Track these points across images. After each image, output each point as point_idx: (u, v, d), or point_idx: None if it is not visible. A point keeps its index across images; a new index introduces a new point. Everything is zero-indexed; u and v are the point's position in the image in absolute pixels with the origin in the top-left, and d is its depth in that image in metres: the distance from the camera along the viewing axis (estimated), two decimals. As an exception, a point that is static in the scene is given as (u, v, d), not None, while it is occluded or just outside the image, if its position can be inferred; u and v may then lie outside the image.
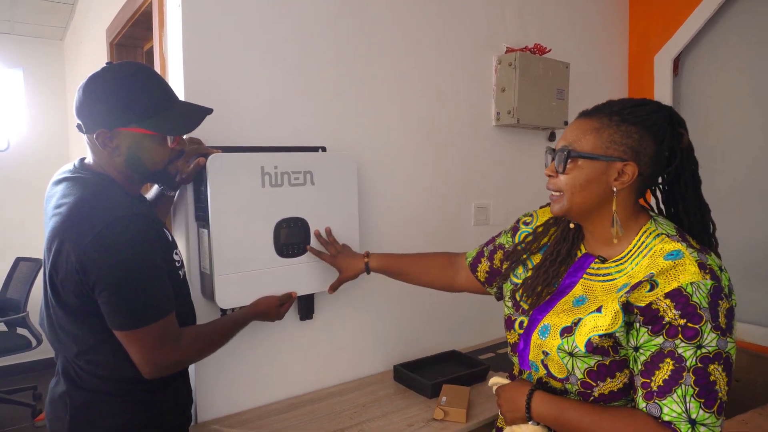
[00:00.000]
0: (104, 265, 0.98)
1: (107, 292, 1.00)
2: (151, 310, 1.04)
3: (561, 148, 0.99)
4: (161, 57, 1.54)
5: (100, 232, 0.98)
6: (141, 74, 1.11)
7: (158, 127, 1.11)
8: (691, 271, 0.89)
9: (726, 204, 2.32)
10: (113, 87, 1.07)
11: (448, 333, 1.98)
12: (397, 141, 1.80)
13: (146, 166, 1.14)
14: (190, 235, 1.43)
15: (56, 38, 4.02)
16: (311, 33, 1.58)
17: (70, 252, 0.99)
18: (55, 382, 1.15)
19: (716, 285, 0.88)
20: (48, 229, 1.06)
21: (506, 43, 2.06)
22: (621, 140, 0.95)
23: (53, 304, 1.06)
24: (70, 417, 1.08)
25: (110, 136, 1.08)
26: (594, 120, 0.98)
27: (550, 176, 1.03)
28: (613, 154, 0.95)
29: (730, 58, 2.33)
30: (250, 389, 1.54)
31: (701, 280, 0.88)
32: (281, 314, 1.42)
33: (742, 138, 2.29)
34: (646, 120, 0.95)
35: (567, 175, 0.98)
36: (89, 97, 1.07)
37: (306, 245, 1.48)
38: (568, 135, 1.01)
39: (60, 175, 1.14)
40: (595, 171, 0.96)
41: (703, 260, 0.91)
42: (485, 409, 1.50)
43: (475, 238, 2.04)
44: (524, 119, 1.98)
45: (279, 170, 1.41)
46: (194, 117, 1.16)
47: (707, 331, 0.86)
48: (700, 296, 0.87)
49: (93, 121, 1.08)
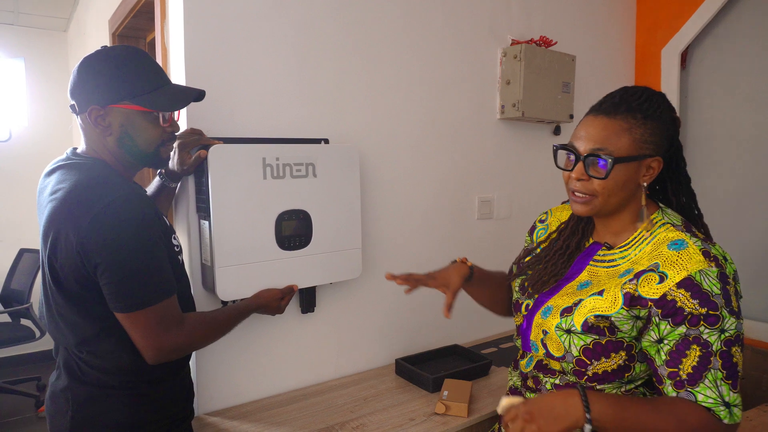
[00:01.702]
0: (105, 245, 0.97)
1: (109, 273, 0.98)
2: (154, 289, 1.03)
3: (593, 151, 0.97)
4: (163, 48, 1.53)
5: (100, 212, 0.97)
6: (134, 54, 1.12)
7: (150, 103, 1.10)
8: (697, 259, 0.91)
9: (732, 199, 2.30)
10: (106, 65, 1.08)
11: (449, 327, 1.97)
12: (400, 133, 1.78)
13: (138, 146, 1.13)
14: (191, 227, 1.42)
15: (60, 29, 4.01)
16: (313, 24, 1.57)
17: (69, 235, 0.98)
18: (56, 376, 1.14)
19: (721, 272, 0.91)
20: (43, 216, 1.05)
21: (511, 35, 2.04)
22: (650, 138, 0.97)
23: (53, 293, 1.05)
24: (72, 413, 1.07)
25: (103, 113, 1.08)
26: (620, 120, 0.97)
27: (580, 179, 0.99)
28: (646, 152, 0.97)
29: (738, 52, 2.30)
30: (251, 382, 1.54)
31: (707, 267, 0.91)
32: (282, 307, 1.41)
33: (750, 133, 2.27)
34: (663, 114, 0.98)
35: (608, 179, 0.96)
36: (83, 76, 1.08)
37: (308, 238, 1.47)
38: (595, 136, 0.98)
39: (52, 165, 1.13)
40: (631, 171, 0.97)
41: (707, 249, 0.93)
42: (487, 404, 1.49)
43: (478, 232, 2.04)
44: (529, 112, 1.96)
45: (281, 162, 1.40)
46: (186, 95, 1.16)
47: (726, 316, 0.89)
48: (710, 283, 0.90)
49: (86, 98, 1.08)
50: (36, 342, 3.26)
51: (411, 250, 1.84)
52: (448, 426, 1.38)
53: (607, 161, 0.95)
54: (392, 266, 1.80)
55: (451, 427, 1.38)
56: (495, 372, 1.72)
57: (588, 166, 0.98)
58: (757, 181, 2.24)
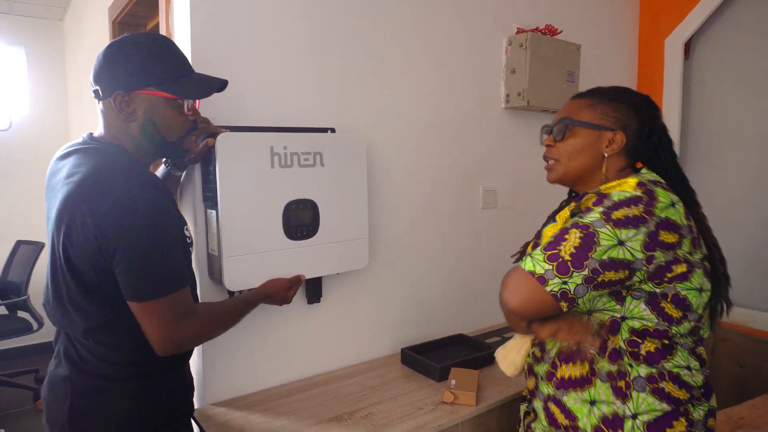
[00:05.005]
0: (124, 232, 0.96)
1: (126, 260, 0.97)
2: (170, 280, 1.02)
3: (559, 120, 1.14)
4: (168, 35, 1.51)
5: (120, 197, 0.96)
6: (161, 42, 1.12)
7: (176, 90, 1.10)
8: (629, 183, 1.01)
9: (736, 190, 2.31)
10: (133, 51, 1.07)
11: (454, 317, 1.97)
12: (406, 122, 1.77)
13: (161, 134, 1.12)
14: (198, 216, 1.41)
15: (55, 18, 3.96)
16: (321, 13, 1.55)
17: (86, 219, 0.96)
18: (56, 364, 1.12)
19: (638, 196, 0.96)
20: (58, 200, 1.02)
21: (516, 23, 2.02)
22: (612, 114, 1.10)
23: (65, 277, 1.02)
24: (71, 403, 1.05)
25: (128, 99, 1.07)
26: (588, 98, 1.14)
27: (548, 146, 1.16)
28: (605, 124, 1.10)
29: (742, 43, 2.30)
30: (257, 372, 1.53)
31: (630, 190, 0.98)
32: (289, 298, 1.40)
33: (754, 124, 2.27)
34: (631, 100, 1.12)
35: (564, 142, 1.13)
36: (109, 61, 1.07)
37: (315, 227, 1.45)
38: (564, 111, 1.16)
39: (67, 148, 1.11)
40: (589, 138, 1.10)
41: (646, 183, 1.00)
42: (494, 392, 1.49)
43: (482, 222, 2.03)
44: (534, 101, 1.95)
45: (288, 151, 1.39)
46: (211, 84, 1.16)
47: (595, 210, 0.97)
48: (617, 195, 0.97)
49: (111, 84, 1.07)
50: (33, 334, 3.25)
51: (416, 240, 1.84)
52: (456, 415, 1.38)
53: (566, 125, 1.12)
54: (397, 256, 1.79)
55: (460, 416, 1.38)
56: (501, 361, 1.72)
57: (555, 135, 1.14)
58: (762, 172, 2.25)
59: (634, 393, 1.01)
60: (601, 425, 1.03)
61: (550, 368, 1.12)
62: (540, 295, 0.95)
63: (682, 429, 1.00)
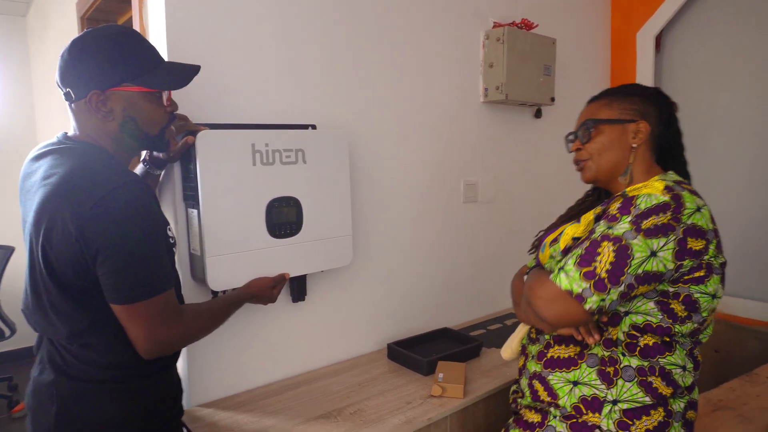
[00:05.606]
0: (107, 233, 0.93)
1: (110, 263, 0.94)
2: (155, 282, 0.99)
3: (581, 124, 1.18)
4: (141, 30, 1.47)
5: (103, 199, 0.92)
6: (127, 34, 1.07)
7: (153, 83, 1.06)
8: (656, 187, 1.00)
9: (707, 181, 2.37)
10: (101, 47, 1.02)
11: (438, 311, 1.99)
12: (386, 118, 1.77)
13: (142, 129, 1.09)
14: (179, 216, 1.38)
15: (18, 14, 3.82)
16: (299, 8, 1.53)
17: (67, 221, 0.93)
18: (39, 370, 1.08)
19: (666, 203, 0.96)
20: (35, 202, 0.98)
21: (493, 17, 2.04)
22: (630, 107, 1.13)
23: (45, 283, 0.99)
24: (57, 408, 1.02)
25: (103, 98, 1.03)
26: (602, 99, 1.18)
27: (577, 150, 1.18)
28: (627, 117, 1.13)
29: (713, 35, 2.36)
30: (243, 372, 1.52)
31: (657, 194, 0.98)
32: (274, 296, 1.39)
33: (724, 116, 2.33)
34: (644, 92, 1.16)
35: (592, 142, 1.15)
36: (75, 60, 1.02)
37: (299, 225, 1.44)
38: (583, 115, 1.20)
39: (40, 149, 1.07)
40: (615, 132, 1.13)
41: (673, 186, 1.00)
42: (481, 385, 1.51)
43: (464, 216, 2.04)
44: (512, 95, 1.97)
45: (270, 148, 1.37)
46: (186, 72, 1.12)
47: (623, 220, 0.96)
48: (644, 202, 0.97)
49: (83, 84, 1.02)
50: (6, 341, 3.14)
51: (399, 235, 1.84)
52: (445, 408, 1.39)
53: (590, 126, 1.15)
54: (381, 252, 1.79)
55: (448, 409, 1.39)
56: (486, 353, 1.74)
57: (581, 138, 1.17)
58: (732, 163, 2.31)
59: (620, 381, 1.03)
60: (580, 405, 1.06)
61: (543, 348, 1.15)
62: (578, 313, 0.97)
63: (659, 418, 1.02)
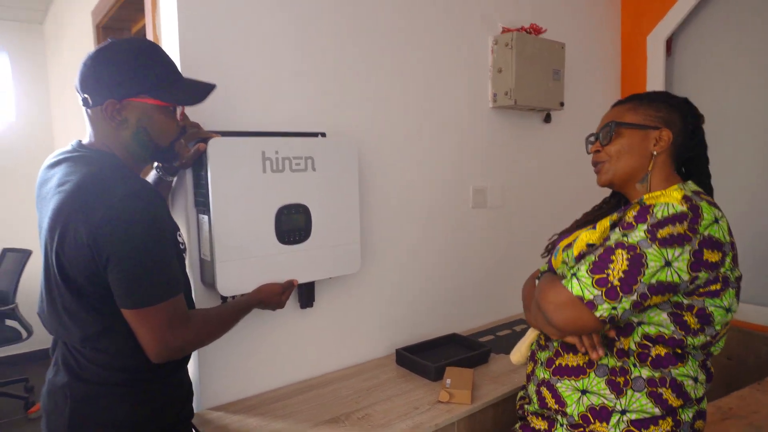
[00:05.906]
0: (117, 239, 0.95)
1: (120, 268, 0.96)
2: (165, 287, 1.01)
3: (604, 125, 1.16)
4: (154, 39, 1.50)
5: (114, 205, 0.95)
6: (149, 47, 1.11)
7: (168, 98, 1.10)
8: (674, 197, 0.98)
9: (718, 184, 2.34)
10: (123, 58, 1.06)
11: (447, 317, 1.99)
12: (396, 125, 1.78)
13: (154, 141, 1.12)
14: (190, 222, 1.41)
15: (36, 22, 3.90)
16: (309, 17, 1.55)
17: (79, 228, 0.95)
18: (54, 372, 1.11)
19: (683, 212, 0.95)
20: (49, 209, 1.01)
21: (502, 23, 2.04)
22: (654, 114, 1.12)
23: (59, 287, 1.02)
24: (70, 410, 1.05)
25: (119, 107, 1.06)
26: (628, 103, 1.16)
27: (597, 152, 1.17)
28: (650, 123, 1.11)
29: (723, 38, 2.34)
30: (252, 376, 1.53)
31: (675, 204, 0.96)
32: (282, 302, 1.40)
33: (736, 119, 2.31)
34: (671, 100, 1.14)
35: (612, 144, 1.14)
36: (97, 68, 1.05)
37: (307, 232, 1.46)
38: (607, 117, 1.18)
39: (56, 157, 1.10)
40: (636, 137, 1.12)
41: (691, 196, 0.98)
42: (489, 391, 1.51)
43: (473, 221, 2.05)
44: (521, 100, 1.97)
45: (280, 155, 1.39)
46: (201, 89, 1.15)
47: (639, 228, 0.96)
48: (661, 211, 0.95)
49: (101, 92, 1.05)
50: (23, 343, 3.21)
51: (407, 241, 1.85)
52: (452, 413, 1.39)
53: (612, 128, 1.14)
54: (389, 259, 1.80)
55: (456, 414, 1.40)
56: (494, 359, 1.74)
57: (601, 140, 1.16)
58: (743, 167, 2.29)
59: (630, 391, 1.03)
60: (587, 414, 1.06)
61: (552, 356, 1.15)
62: (588, 320, 0.96)
63: (667, 428, 1.02)
